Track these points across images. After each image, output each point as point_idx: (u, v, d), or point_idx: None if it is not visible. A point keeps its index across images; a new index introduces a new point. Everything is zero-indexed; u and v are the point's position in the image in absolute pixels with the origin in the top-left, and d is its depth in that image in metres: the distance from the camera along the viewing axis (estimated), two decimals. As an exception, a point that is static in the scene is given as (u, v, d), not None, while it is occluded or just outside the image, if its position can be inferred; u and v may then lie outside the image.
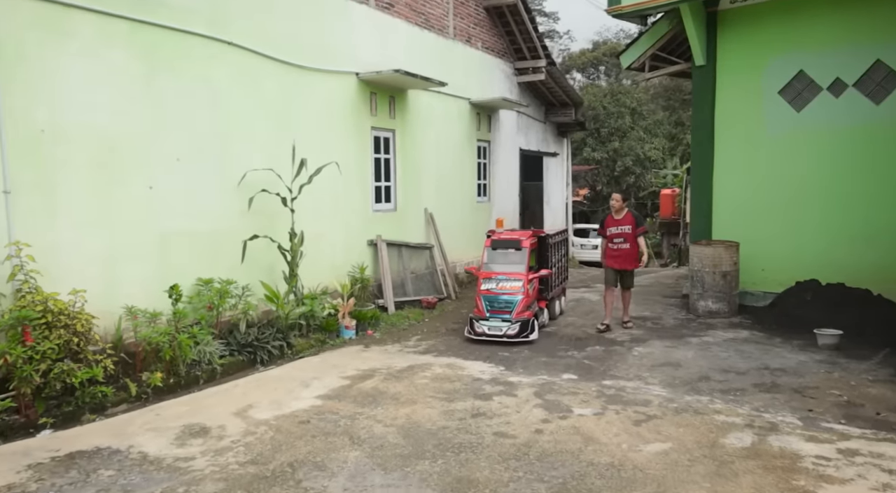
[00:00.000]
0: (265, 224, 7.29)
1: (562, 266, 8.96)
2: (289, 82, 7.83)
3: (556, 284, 8.54)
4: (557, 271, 8.60)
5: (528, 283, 7.43)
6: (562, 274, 8.98)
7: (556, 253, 8.54)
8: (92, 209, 5.80)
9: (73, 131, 5.65)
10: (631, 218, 7.92)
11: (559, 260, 8.74)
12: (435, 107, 10.73)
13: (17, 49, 5.27)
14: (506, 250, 7.73)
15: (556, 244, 8.59)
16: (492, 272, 7.60)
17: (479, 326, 7.29)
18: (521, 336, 7.18)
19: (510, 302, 7.29)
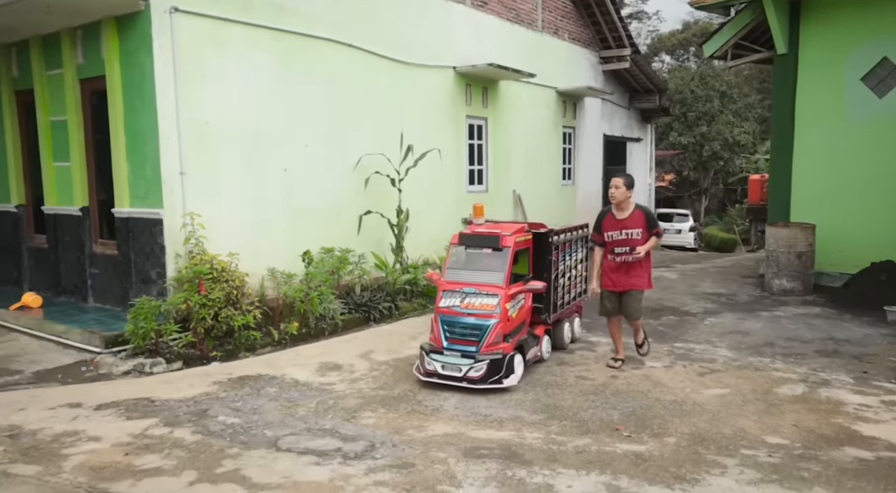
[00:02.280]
0: (376, 202, 8.38)
1: (578, 276, 6.50)
2: (396, 77, 8.88)
3: (567, 301, 6.25)
4: (569, 282, 6.29)
5: (509, 300, 5.20)
6: (576, 287, 6.51)
7: (569, 257, 6.27)
8: (242, 187, 7.03)
9: (228, 123, 6.88)
10: (642, 217, 5.63)
11: (573, 267, 6.37)
12: (524, 96, 11.55)
13: (190, 57, 6.52)
14: (479, 251, 5.48)
15: (569, 244, 6.25)
16: (456, 282, 5.33)
17: (430, 362, 5.13)
18: (491, 381, 4.97)
19: (478, 328, 5.07)
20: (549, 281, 5.82)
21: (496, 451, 3.88)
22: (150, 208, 6.52)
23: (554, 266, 5.91)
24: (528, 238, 5.79)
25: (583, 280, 6.67)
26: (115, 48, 6.59)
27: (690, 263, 13.40)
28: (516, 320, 5.37)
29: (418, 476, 3.52)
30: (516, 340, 5.33)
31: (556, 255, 5.94)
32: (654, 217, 5.82)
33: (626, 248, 5.61)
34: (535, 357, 5.68)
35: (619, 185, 5.63)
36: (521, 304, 5.46)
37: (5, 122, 8.18)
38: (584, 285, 6.67)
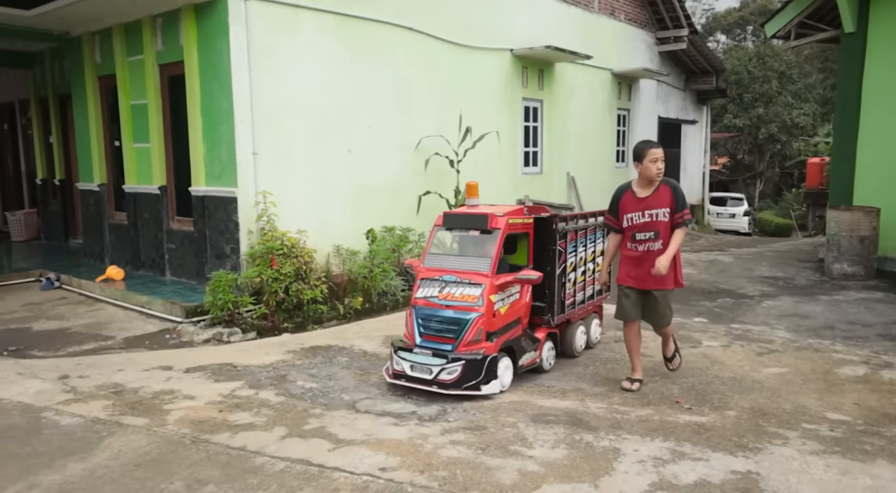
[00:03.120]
0: (434, 182, 8.61)
1: (595, 271, 5.60)
2: (455, 60, 9.05)
3: (580, 300, 5.40)
4: (584, 277, 5.42)
5: (496, 291, 4.48)
6: (594, 284, 5.60)
7: (584, 248, 5.40)
8: (309, 167, 7.35)
9: (297, 106, 7.19)
10: (669, 194, 4.53)
11: (590, 260, 5.50)
12: (579, 78, 11.57)
13: (262, 43, 6.82)
14: (465, 234, 4.84)
15: (583, 233, 5.37)
16: (437, 269, 4.69)
17: (399, 361, 4.52)
18: (466, 386, 4.31)
19: (456, 323, 4.41)
20: (553, 275, 4.92)
21: (562, 417, 4.09)
22: (225, 187, 6.89)
23: (560, 258, 5.01)
24: (528, 222, 4.93)
25: (594, 280, 5.63)
26: (194, 35, 6.94)
27: (745, 246, 13.27)
28: (506, 317, 4.59)
29: (491, 437, 3.76)
30: (504, 340, 4.56)
31: (563, 244, 5.04)
32: (683, 196, 4.59)
33: (649, 233, 4.53)
34: (530, 364, 4.83)
35: (663, 156, 4.55)
36: (513, 298, 4.69)
37: (89, 106, 8.68)
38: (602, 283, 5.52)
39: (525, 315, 4.87)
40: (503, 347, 4.59)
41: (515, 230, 4.82)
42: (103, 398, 4.43)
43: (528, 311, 4.90)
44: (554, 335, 5.23)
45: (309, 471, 3.34)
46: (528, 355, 4.83)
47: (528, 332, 4.91)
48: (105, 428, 3.90)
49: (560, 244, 5.02)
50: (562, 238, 5.04)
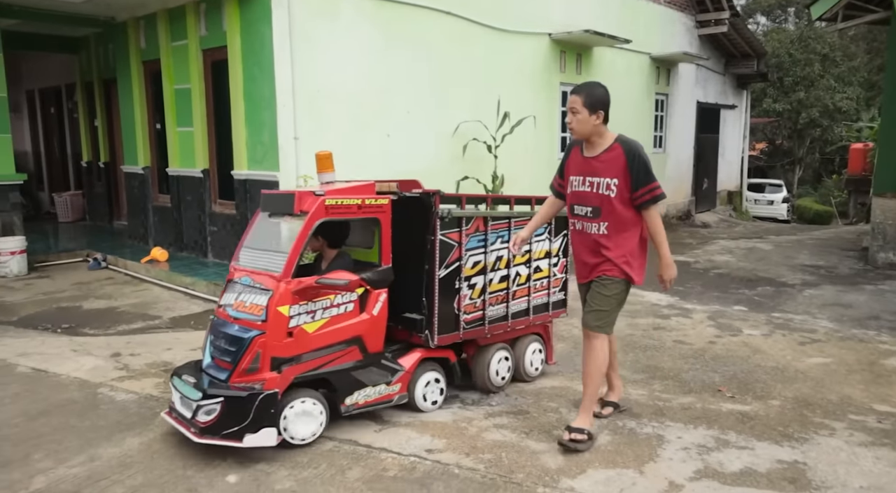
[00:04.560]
0: (472, 168, 8.62)
1: (542, 279, 4.44)
2: (492, 44, 9.01)
3: (497, 314, 4.18)
4: (502, 283, 4.19)
5: (293, 301, 3.37)
6: (523, 296, 4.34)
7: (506, 244, 4.13)
8: (348, 152, 7.40)
9: (336, 91, 7.24)
10: (623, 162, 3.41)
11: (512, 261, 4.21)
12: (617, 62, 11.42)
13: (303, 29, 6.88)
14: (277, 220, 3.75)
15: (504, 224, 4.14)
16: (242, 268, 3.72)
17: (173, 390, 3.54)
18: (226, 434, 3.22)
19: (237, 343, 3.36)
20: (432, 276, 3.77)
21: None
22: (267, 171, 7.00)
23: (451, 253, 3.83)
24: (375, 204, 3.66)
25: (551, 287, 4.48)
26: (237, 20, 7.02)
27: (785, 234, 13.05)
28: (321, 338, 3.46)
29: (534, 422, 3.81)
30: (308, 370, 3.40)
31: (456, 236, 3.84)
32: (645, 165, 3.38)
33: (587, 209, 3.49)
34: (376, 402, 3.66)
35: (576, 104, 3.42)
36: (338, 311, 3.52)
37: (134, 90, 8.86)
38: (552, 292, 4.50)
39: (372, 334, 3.65)
40: (306, 380, 3.41)
41: (346, 215, 3.57)
42: (154, 376, 4.58)
43: (377, 328, 3.67)
44: (444, 362, 3.99)
45: (357, 451, 3.43)
46: (368, 391, 3.60)
47: (380, 357, 3.70)
48: (158, 405, 4.03)
49: (449, 235, 3.80)
50: (450, 227, 3.81)
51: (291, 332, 3.38)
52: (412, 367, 3.83)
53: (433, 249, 3.80)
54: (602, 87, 3.55)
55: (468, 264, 3.98)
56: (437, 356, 3.98)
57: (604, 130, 3.51)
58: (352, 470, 3.22)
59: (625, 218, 3.47)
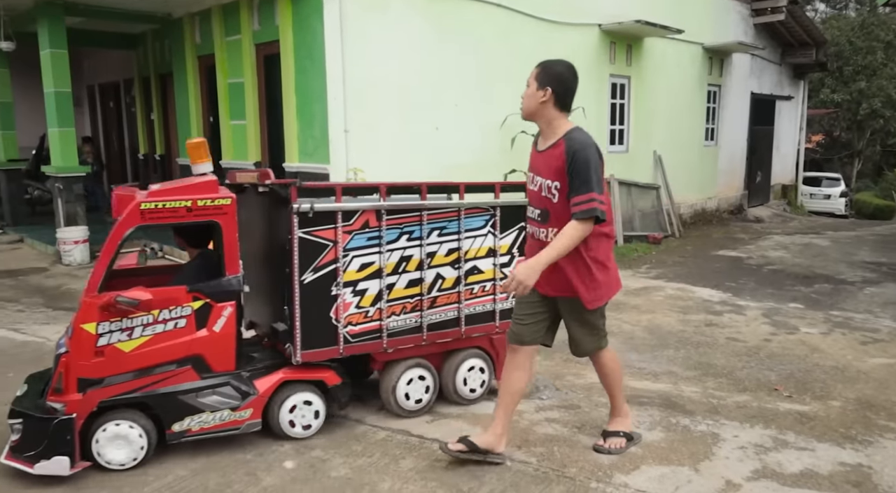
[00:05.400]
0: (520, 160, 8.54)
1: (480, 283, 3.78)
2: (541, 36, 8.93)
3: (405, 325, 3.60)
4: (411, 289, 3.59)
5: (99, 317, 3.03)
6: (447, 303, 3.70)
7: (416, 241, 3.55)
8: (397, 145, 7.47)
9: (386, 84, 7.29)
10: (562, 159, 2.93)
11: (426, 261, 3.60)
12: (668, 53, 11.19)
13: (353, 22, 6.95)
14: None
15: (413, 218, 3.53)
16: None
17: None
18: (27, 456, 2.99)
19: (55, 359, 3.15)
20: (293, 283, 3.26)
21: (656, 400, 4.07)
22: (318, 164, 7.10)
23: (325, 254, 3.31)
24: (214, 205, 3.15)
25: (499, 292, 3.79)
26: (289, 15, 7.13)
27: (843, 230, 12.63)
28: (143, 357, 3.10)
29: (586, 416, 3.79)
30: (122, 392, 3.07)
31: (330, 234, 3.31)
32: (586, 166, 2.86)
33: (536, 211, 3.10)
34: (215, 429, 3.23)
35: (530, 76, 3.06)
36: (166, 328, 3.12)
37: (189, 84, 9.09)
38: (501, 298, 3.80)
39: (216, 353, 3.23)
40: (123, 402, 3.07)
41: (171, 219, 3.12)
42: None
43: (222, 346, 3.23)
44: (321, 384, 3.41)
45: (409, 441, 3.47)
46: (205, 417, 3.19)
47: (231, 378, 3.27)
48: (217, 391, 4.14)
49: (318, 233, 3.28)
50: (320, 223, 3.27)
51: (102, 351, 3.03)
52: (268, 390, 3.30)
53: (292, 250, 3.25)
54: (564, 65, 3.08)
55: (352, 267, 3.39)
56: (309, 378, 3.38)
57: (554, 116, 3.02)
58: (405, 460, 3.26)
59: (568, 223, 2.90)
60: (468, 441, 3.11)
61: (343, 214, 3.34)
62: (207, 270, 3.34)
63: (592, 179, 2.85)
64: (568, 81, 3.05)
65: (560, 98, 3.02)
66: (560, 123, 3.03)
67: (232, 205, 3.20)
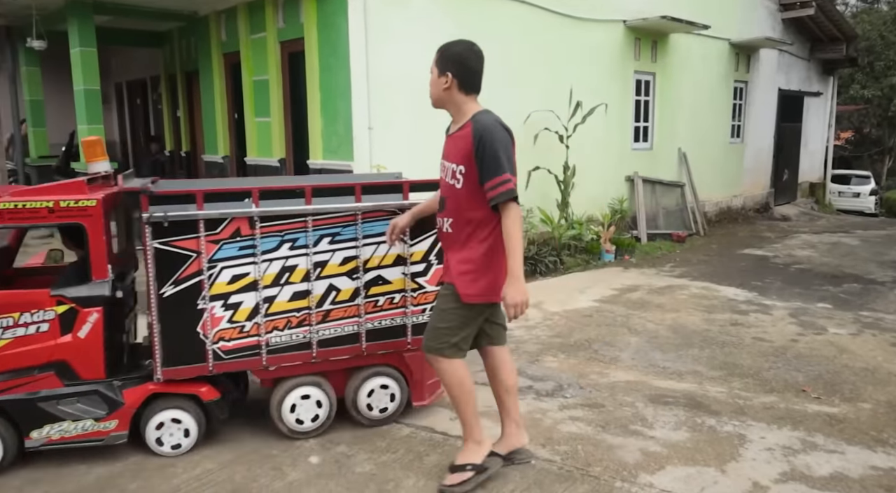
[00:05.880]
0: (542, 157, 8.52)
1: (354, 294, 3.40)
2: (564, 32, 8.87)
3: (292, 339, 3.32)
4: (297, 301, 3.32)
5: None
6: (346, 316, 3.39)
7: (301, 250, 3.28)
8: (420, 141, 7.44)
9: (409, 81, 7.27)
10: (469, 142, 2.80)
11: (315, 272, 3.31)
12: (694, 49, 11.06)
13: (376, 19, 6.96)
14: None
15: (298, 224, 3.26)
16: None
17: None
18: None
19: None
20: (148, 297, 3.09)
21: (681, 400, 4.03)
22: (342, 161, 7.13)
23: (188, 264, 3.09)
24: (78, 206, 3.00)
25: (410, 305, 3.46)
26: (314, 13, 7.17)
27: (873, 228, 12.40)
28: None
29: (610, 416, 3.77)
30: None
31: (196, 244, 3.09)
32: (494, 148, 2.73)
33: (442, 198, 2.98)
34: (79, 438, 3.12)
35: (432, 62, 3.03)
36: (25, 332, 3.04)
37: (214, 81, 9.19)
38: (416, 311, 3.48)
39: (83, 360, 3.09)
40: None
41: (31, 221, 3.01)
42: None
43: (89, 353, 3.09)
44: (195, 399, 3.22)
45: (434, 438, 3.48)
46: (66, 426, 3.09)
47: (101, 386, 3.12)
48: (242, 386, 4.20)
49: (179, 243, 3.06)
50: (181, 232, 3.07)
51: None
52: (135, 402, 3.14)
53: (146, 262, 3.08)
54: (463, 45, 2.90)
55: (221, 279, 3.14)
56: (181, 392, 3.21)
57: (462, 100, 2.87)
58: (429, 456, 3.28)
59: (471, 216, 2.79)
60: (494, 453, 3.02)
61: (207, 222, 3.09)
62: (82, 273, 3.15)
63: (503, 160, 2.71)
64: (469, 62, 2.88)
65: (464, 81, 2.87)
66: (469, 107, 2.89)
67: (98, 207, 3.01)
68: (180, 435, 3.23)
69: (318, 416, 3.40)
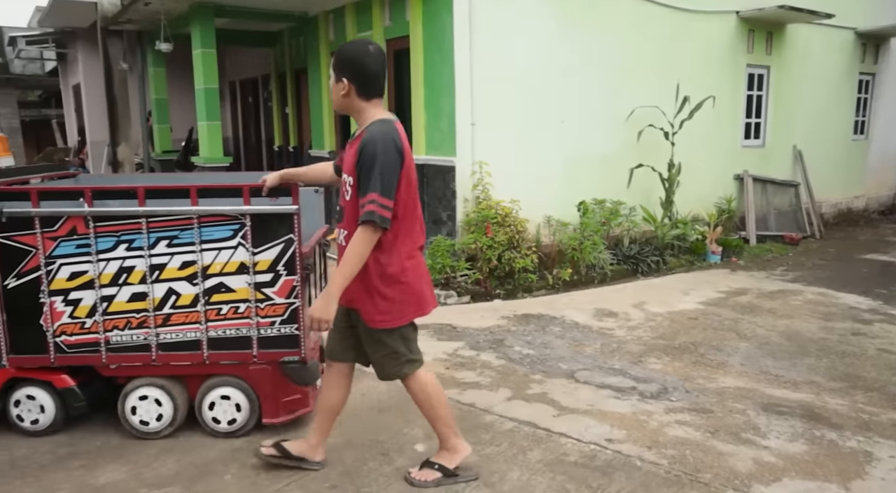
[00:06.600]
0: (645, 154, 8.30)
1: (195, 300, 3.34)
2: (673, 25, 8.57)
3: (124, 340, 3.36)
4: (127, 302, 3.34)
5: None
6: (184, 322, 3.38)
7: (134, 251, 3.28)
8: (522, 138, 7.46)
9: (512, 76, 7.29)
10: (353, 153, 2.67)
11: (151, 275, 3.30)
12: (813, 40, 10.40)
13: (481, 15, 6.99)
14: None
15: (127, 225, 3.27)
16: None
17: None
18: None
19: None
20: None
21: (797, 410, 3.84)
22: (444, 157, 7.23)
23: (29, 261, 3.24)
24: None
25: (258, 316, 3.31)
26: (419, 10, 7.30)
27: None
28: None
29: (719, 422, 3.64)
30: None
31: (34, 240, 3.22)
32: (372, 161, 2.56)
33: (340, 209, 2.84)
34: None
35: (330, 70, 2.77)
36: None
37: (322, 79, 9.54)
38: (265, 323, 3.32)
39: None
40: None
41: None
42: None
43: None
44: (51, 385, 3.37)
45: (537, 433, 3.49)
46: None
47: None
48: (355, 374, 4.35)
49: (20, 239, 3.22)
50: (20, 228, 3.20)
51: None
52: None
53: None
54: (359, 47, 2.69)
55: (61, 275, 3.24)
56: (38, 378, 3.37)
57: (361, 106, 2.69)
58: (532, 452, 3.29)
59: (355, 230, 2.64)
60: (280, 446, 3.03)
61: (45, 219, 3.19)
62: None
63: (374, 178, 2.53)
64: (366, 67, 2.66)
65: (362, 87, 2.67)
66: (369, 114, 2.70)
67: None
68: (38, 413, 3.40)
69: (161, 417, 3.37)
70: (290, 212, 3.17)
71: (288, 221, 3.20)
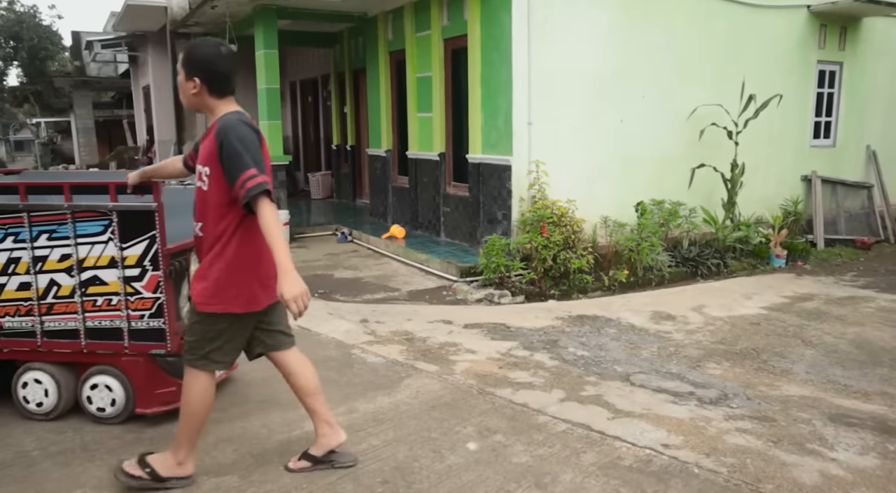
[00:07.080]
0: (707, 154, 8.08)
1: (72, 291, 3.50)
2: (738, 20, 8.32)
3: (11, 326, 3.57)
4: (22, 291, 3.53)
5: None
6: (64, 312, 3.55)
7: (23, 243, 3.47)
8: (580, 137, 7.37)
9: (570, 75, 7.21)
10: (213, 142, 2.69)
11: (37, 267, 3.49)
12: (892, 35, 9.92)
13: (539, 14, 6.94)
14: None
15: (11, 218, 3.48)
16: None
17: None
18: None
19: None
20: None
21: (868, 422, 3.66)
22: (500, 156, 7.21)
23: None
24: None
25: (128, 309, 3.41)
26: (478, 10, 7.30)
27: None
28: None
29: (783, 431, 3.51)
30: None
31: None
32: (234, 148, 2.60)
33: (195, 202, 2.86)
34: None
35: (179, 68, 2.80)
36: None
37: (380, 79, 9.65)
38: (134, 316, 3.42)
39: None
40: None
41: None
42: (398, 343, 5.00)
43: None
44: None
45: (590, 436, 3.44)
46: None
47: None
48: (403, 370, 4.40)
49: None
50: None
51: None
52: None
53: None
54: (208, 47, 2.76)
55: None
56: None
57: (213, 104, 2.76)
58: (586, 454, 3.24)
59: (219, 221, 2.71)
60: (307, 454, 3.10)
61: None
62: None
63: (245, 157, 2.58)
64: (215, 65, 2.73)
65: (213, 85, 2.73)
66: (220, 110, 2.76)
67: None
68: None
69: (42, 402, 3.54)
70: (152, 209, 3.29)
71: (150, 218, 3.31)
